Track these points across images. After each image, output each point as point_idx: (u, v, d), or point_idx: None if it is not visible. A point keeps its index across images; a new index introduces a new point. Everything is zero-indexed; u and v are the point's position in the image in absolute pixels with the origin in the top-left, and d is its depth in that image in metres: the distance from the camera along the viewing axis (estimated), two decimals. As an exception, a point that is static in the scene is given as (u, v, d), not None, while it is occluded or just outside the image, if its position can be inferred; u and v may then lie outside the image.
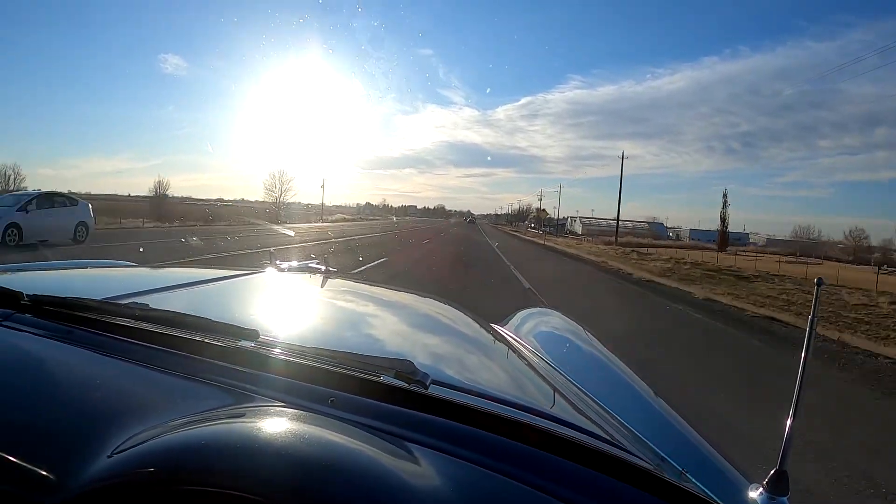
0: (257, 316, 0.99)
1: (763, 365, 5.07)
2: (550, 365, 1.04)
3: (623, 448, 0.61)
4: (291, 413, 0.48)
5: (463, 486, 0.42)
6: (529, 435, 0.49)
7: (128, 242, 11.41)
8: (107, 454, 0.41)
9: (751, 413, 3.15)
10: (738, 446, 2.38)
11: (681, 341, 5.96)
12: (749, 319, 7.80)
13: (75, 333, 0.65)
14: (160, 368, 0.58)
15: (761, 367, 4.95)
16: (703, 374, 4.34)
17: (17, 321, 0.67)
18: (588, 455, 0.48)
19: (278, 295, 1.22)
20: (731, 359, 5.32)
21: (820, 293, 0.59)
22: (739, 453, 0.92)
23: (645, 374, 1.15)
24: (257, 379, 0.55)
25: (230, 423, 0.45)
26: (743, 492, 0.58)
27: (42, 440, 0.44)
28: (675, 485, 0.47)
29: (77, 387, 0.55)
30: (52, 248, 9.86)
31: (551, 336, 1.42)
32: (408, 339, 1.01)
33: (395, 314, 1.24)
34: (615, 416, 0.80)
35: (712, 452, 0.80)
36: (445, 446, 0.46)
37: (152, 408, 0.49)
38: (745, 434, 2.70)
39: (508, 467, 0.45)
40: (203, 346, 0.61)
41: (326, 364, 0.58)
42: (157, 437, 0.42)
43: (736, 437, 2.65)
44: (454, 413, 0.51)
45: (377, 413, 0.50)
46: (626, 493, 0.45)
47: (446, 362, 0.86)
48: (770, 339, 6.38)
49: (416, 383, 0.56)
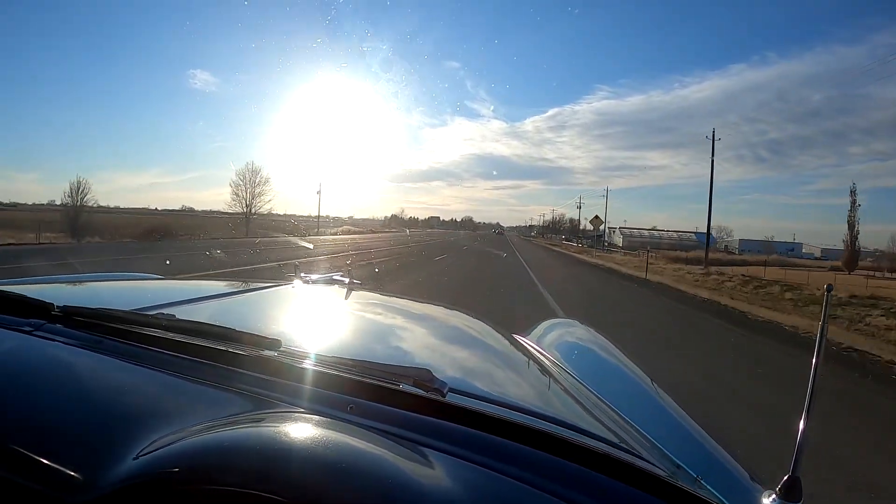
0: (280, 326, 1.03)
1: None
2: (570, 374, 1.03)
3: (639, 455, 0.60)
4: (311, 419, 0.50)
5: (478, 491, 0.43)
6: (545, 442, 0.49)
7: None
8: (132, 456, 0.43)
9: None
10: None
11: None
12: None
13: (104, 343, 0.67)
14: (186, 376, 0.60)
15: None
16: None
17: (48, 331, 0.69)
18: (604, 462, 0.48)
19: (302, 306, 1.24)
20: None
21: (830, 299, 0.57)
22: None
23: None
24: (279, 386, 0.57)
25: (251, 427, 0.47)
26: (757, 498, 0.56)
27: (71, 443, 0.46)
28: (688, 492, 0.48)
29: (105, 393, 0.57)
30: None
31: (573, 346, 1.37)
32: (428, 348, 1.02)
33: (417, 325, 1.23)
34: (633, 424, 0.79)
35: (728, 459, 0.77)
36: (462, 452, 0.47)
37: (177, 413, 0.51)
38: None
39: (524, 473, 0.45)
40: (227, 355, 0.63)
41: (346, 372, 0.59)
42: (181, 439, 0.44)
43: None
44: (471, 420, 0.52)
45: (395, 419, 0.51)
46: (641, 501, 0.45)
47: (465, 371, 0.87)
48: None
49: (433, 391, 0.56)
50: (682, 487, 0.48)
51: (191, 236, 24.10)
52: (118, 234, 22.66)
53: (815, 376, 0.54)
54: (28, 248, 13.98)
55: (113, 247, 16.36)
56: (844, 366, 5.55)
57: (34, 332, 0.69)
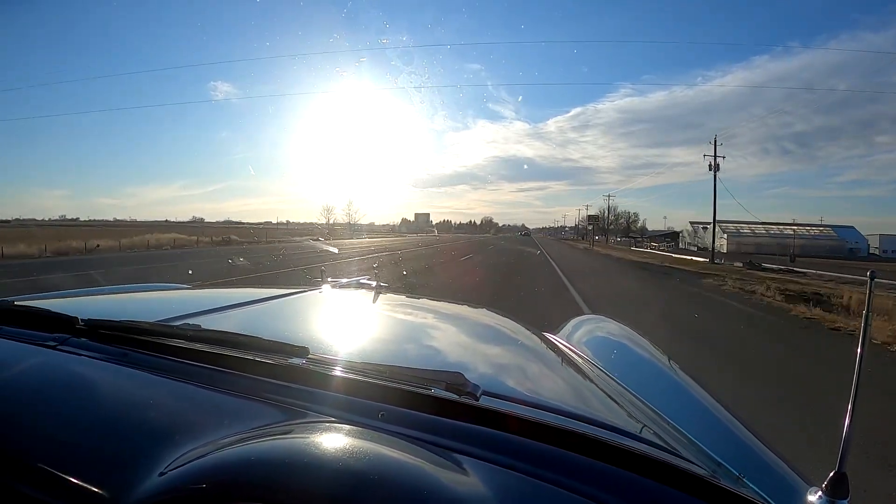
0: (308, 333, 1.01)
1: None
2: (603, 372, 1.00)
3: (678, 454, 0.58)
4: (342, 428, 0.49)
5: (515, 497, 0.42)
6: (582, 444, 0.48)
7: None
8: (159, 472, 0.42)
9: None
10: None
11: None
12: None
13: (130, 356, 0.66)
14: (213, 387, 0.59)
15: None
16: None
17: (73, 345, 0.69)
18: (642, 463, 0.47)
19: (329, 312, 1.23)
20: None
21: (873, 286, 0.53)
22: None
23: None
24: (308, 395, 0.56)
25: (281, 440, 0.47)
26: (802, 495, 0.53)
27: (96, 460, 0.46)
28: (730, 491, 0.46)
29: (132, 407, 0.57)
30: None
31: (605, 342, 1.35)
32: (459, 350, 1.00)
33: (446, 326, 1.21)
34: (670, 421, 0.76)
35: (770, 456, 0.73)
36: (497, 458, 0.46)
37: (205, 426, 0.50)
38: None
39: (560, 478, 0.44)
40: (254, 365, 0.62)
41: (376, 378, 0.58)
42: (209, 454, 0.43)
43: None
44: (506, 424, 0.50)
45: (428, 426, 0.50)
46: (682, 502, 0.44)
47: (497, 373, 0.85)
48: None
49: (466, 395, 0.55)
50: (724, 487, 0.46)
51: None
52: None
53: (860, 370, 0.51)
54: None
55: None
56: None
57: (59, 346, 0.68)
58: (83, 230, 30.88)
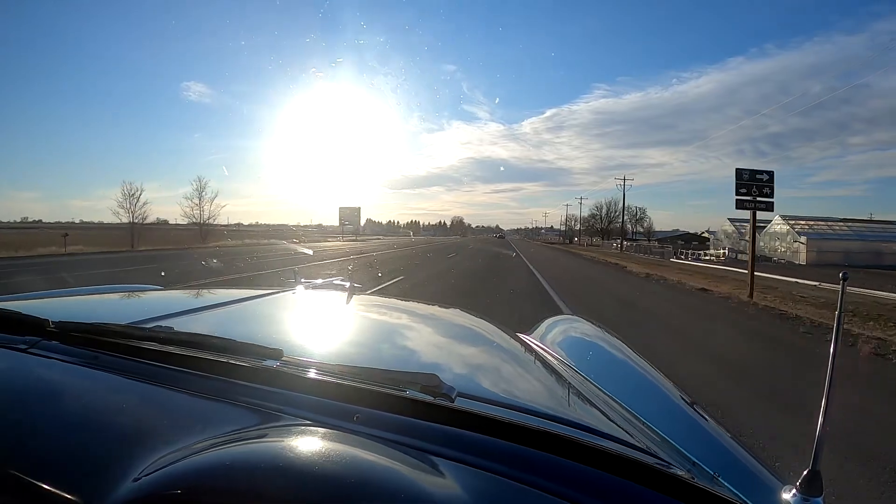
0: (282, 335, 1.00)
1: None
2: (578, 372, 1.00)
3: (653, 454, 0.59)
4: (316, 431, 0.48)
5: (488, 499, 0.41)
6: (557, 445, 0.48)
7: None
8: (132, 478, 0.41)
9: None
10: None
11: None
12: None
13: (101, 358, 0.65)
14: (185, 391, 0.58)
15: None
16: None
17: (43, 348, 0.68)
18: (617, 463, 0.47)
19: (303, 313, 1.22)
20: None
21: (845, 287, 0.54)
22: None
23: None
24: (282, 398, 0.56)
25: (255, 444, 0.46)
26: (776, 493, 0.55)
27: (68, 465, 0.45)
28: (706, 490, 0.46)
29: (103, 412, 0.56)
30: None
31: (579, 343, 1.34)
32: (433, 351, 1.00)
33: (421, 328, 1.20)
34: (645, 421, 0.76)
35: (745, 455, 0.74)
36: (472, 459, 0.46)
37: (178, 430, 0.50)
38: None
39: (536, 479, 0.44)
40: (227, 367, 0.61)
41: (351, 381, 0.58)
42: (182, 459, 0.42)
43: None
44: (481, 425, 0.50)
45: (402, 428, 0.50)
46: (657, 502, 0.44)
47: (472, 374, 0.84)
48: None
49: (441, 396, 0.55)
50: (699, 486, 0.47)
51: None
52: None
53: (833, 370, 0.53)
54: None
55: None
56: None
57: (29, 349, 0.67)
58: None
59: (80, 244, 20.14)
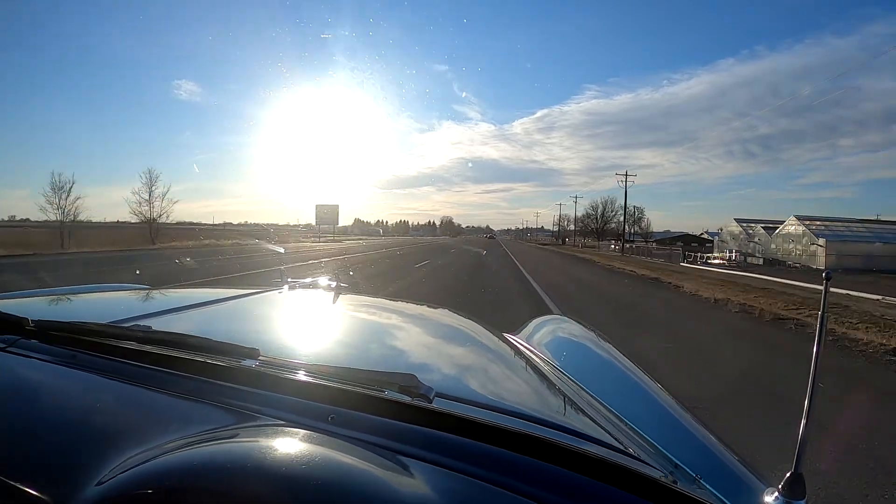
0: (262, 334, 0.98)
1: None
2: (562, 373, 0.99)
3: (634, 457, 0.58)
4: (289, 432, 0.48)
5: (460, 501, 0.41)
6: (536, 447, 0.48)
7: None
8: (98, 480, 0.41)
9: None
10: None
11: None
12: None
13: (79, 357, 0.65)
14: (162, 390, 0.58)
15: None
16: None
17: (22, 347, 0.68)
18: (595, 466, 0.47)
19: (286, 312, 1.20)
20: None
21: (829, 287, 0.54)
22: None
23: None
24: (257, 398, 0.55)
25: (226, 444, 0.46)
26: (759, 496, 0.54)
27: (40, 465, 0.45)
28: (686, 494, 0.46)
29: (79, 411, 0.56)
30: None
31: (564, 343, 1.33)
32: (415, 351, 0.99)
33: (405, 327, 1.19)
34: (628, 422, 0.76)
35: (728, 457, 0.74)
36: (447, 461, 0.46)
37: (151, 430, 0.49)
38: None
39: (512, 482, 0.44)
40: (204, 367, 0.61)
41: (328, 380, 0.57)
42: (152, 459, 0.42)
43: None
44: (457, 427, 0.50)
45: (378, 429, 0.50)
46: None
47: (453, 374, 0.83)
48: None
49: (419, 397, 0.55)
50: (678, 490, 0.47)
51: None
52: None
53: (816, 371, 0.52)
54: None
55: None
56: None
57: (7, 348, 0.67)
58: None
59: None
